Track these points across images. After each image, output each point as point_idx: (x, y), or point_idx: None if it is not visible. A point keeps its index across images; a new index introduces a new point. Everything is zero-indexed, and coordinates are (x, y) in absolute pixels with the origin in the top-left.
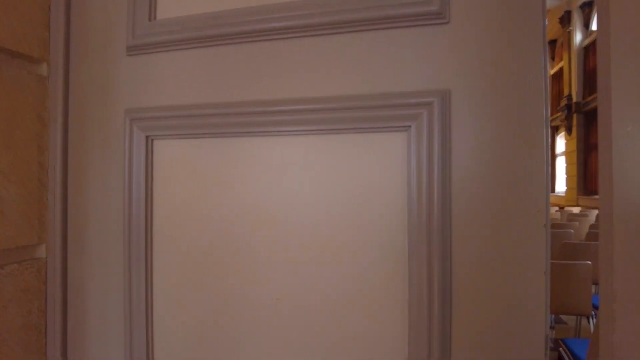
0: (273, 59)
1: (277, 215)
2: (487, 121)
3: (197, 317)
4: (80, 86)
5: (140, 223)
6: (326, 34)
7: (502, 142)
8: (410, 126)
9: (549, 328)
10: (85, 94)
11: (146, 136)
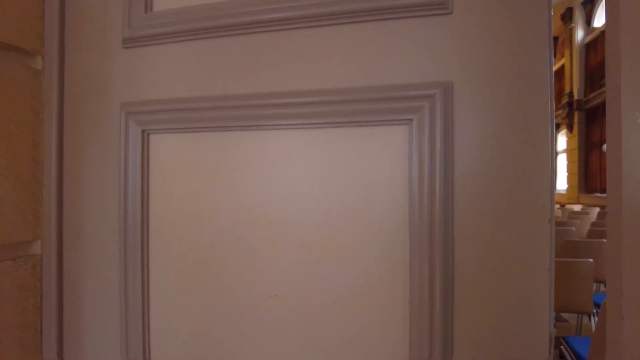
0: (272, 51)
1: (275, 212)
2: (490, 114)
3: (194, 314)
4: (76, 80)
5: (136, 219)
6: (326, 24)
7: (506, 136)
8: (411, 119)
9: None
10: (81, 88)
11: (142, 130)
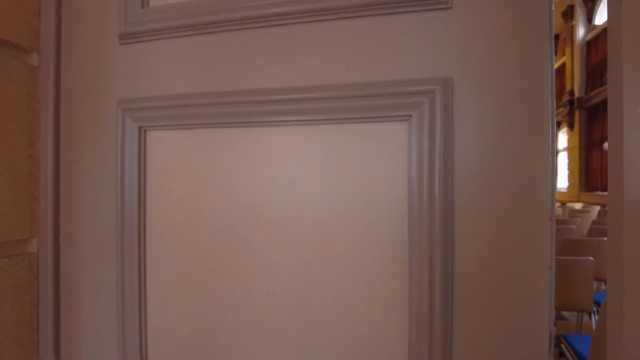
0: (271, 46)
1: (274, 209)
2: (490, 110)
3: (191, 313)
4: (72, 76)
5: (133, 217)
6: (325, 19)
7: (506, 133)
8: (411, 115)
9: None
10: (77, 84)
11: (139, 127)
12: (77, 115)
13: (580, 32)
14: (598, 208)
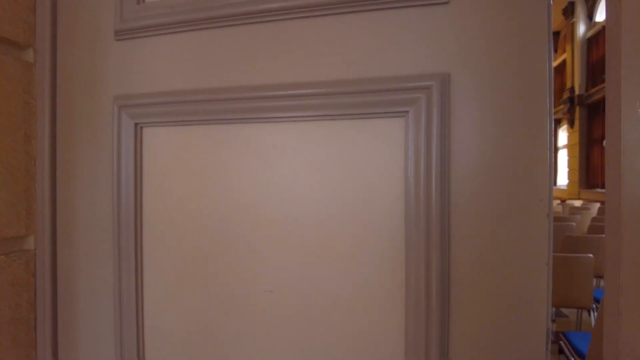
0: (266, 42)
1: (271, 206)
2: (488, 106)
3: (189, 312)
4: (68, 72)
5: (130, 214)
6: (320, 15)
7: (504, 129)
8: (407, 111)
9: (551, 321)
10: (73, 81)
11: (135, 123)
12: (73, 112)
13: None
14: (598, 205)
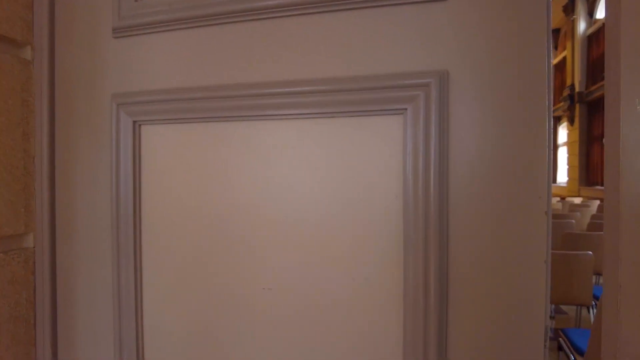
0: (264, 39)
1: (269, 204)
2: (487, 104)
3: (188, 312)
4: (66, 70)
5: (128, 212)
6: (318, 12)
7: (502, 126)
8: (406, 109)
9: (549, 318)
10: (71, 79)
11: (133, 121)
12: (71, 110)
13: (581, 26)
14: (598, 203)
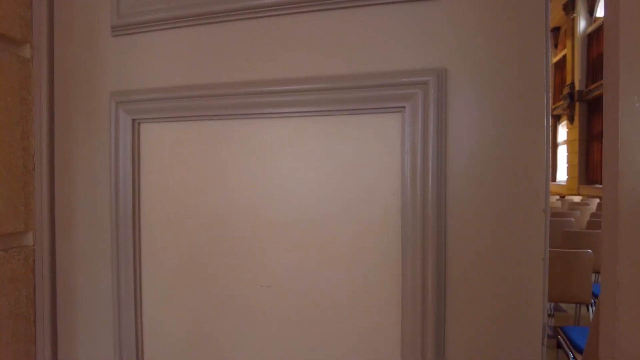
0: (263, 38)
1: (266, 203)
2: (485, 102)
3: (187, 311)
4: (65, 68)
5: (128, 210)
6: (316, 10)
7: (501, 124)
8: (404, 107)
9: (547, 316)
10: (70, 77)
11: (132, 120)
12: (70, 108)
13: (582, 24)
14: (597, 201)
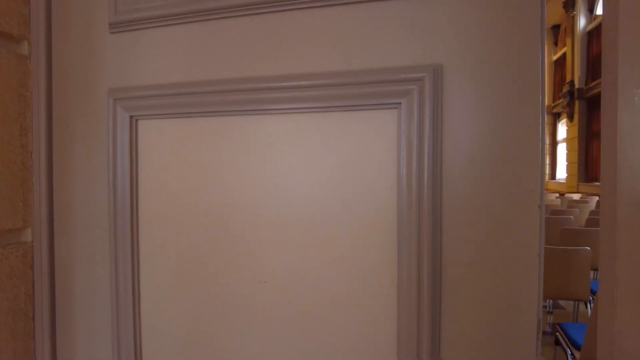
0: (261, 34)
1: (265, 199)
2: (481, 98)
3: (186, 310)
4: (63, 65)
5: (126, 208)
6: (314, 6)
7: (496, 120)
8: (400, 103)
9: (546, 313)
10: (68, 74)
11: (130, 116)
12: (68, 105)
13: (582, 22)
14: (596, 199)
